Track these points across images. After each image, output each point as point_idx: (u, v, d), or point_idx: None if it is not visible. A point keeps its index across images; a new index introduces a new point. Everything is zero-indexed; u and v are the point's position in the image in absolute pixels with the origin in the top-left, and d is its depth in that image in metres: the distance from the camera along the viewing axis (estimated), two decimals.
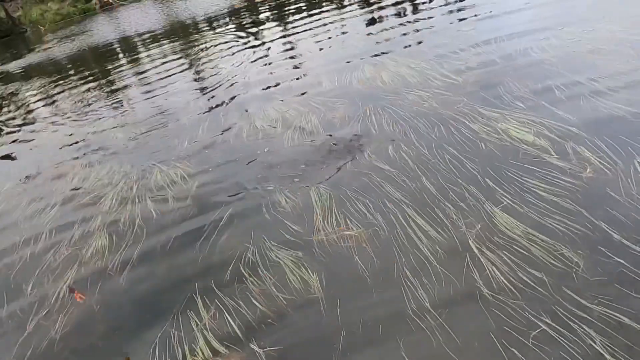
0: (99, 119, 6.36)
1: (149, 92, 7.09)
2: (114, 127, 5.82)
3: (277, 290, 2.54)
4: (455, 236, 2.58)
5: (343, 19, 8.76)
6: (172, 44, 10.70)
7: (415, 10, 8.06)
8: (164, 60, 9.10)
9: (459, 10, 7.24)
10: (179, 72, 7.80)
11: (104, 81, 8.69)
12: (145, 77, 8.18)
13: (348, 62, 5.87)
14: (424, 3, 8.34)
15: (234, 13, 13.78)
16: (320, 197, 3.22)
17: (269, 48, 7.93)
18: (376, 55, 5.87)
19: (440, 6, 7.80)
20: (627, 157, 2.84)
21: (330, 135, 4.01)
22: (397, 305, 2.26)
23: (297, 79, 5.83)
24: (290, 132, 4.28)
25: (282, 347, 2.21)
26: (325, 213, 3.05)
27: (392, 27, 7.17)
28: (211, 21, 13.31)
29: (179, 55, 9.21)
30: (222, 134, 4.72)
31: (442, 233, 2.63)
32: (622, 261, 2.16)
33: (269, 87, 5.80)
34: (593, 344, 1.84)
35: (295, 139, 4.15)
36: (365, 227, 2.84)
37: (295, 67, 6.38)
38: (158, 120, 5.66)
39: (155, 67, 8.69)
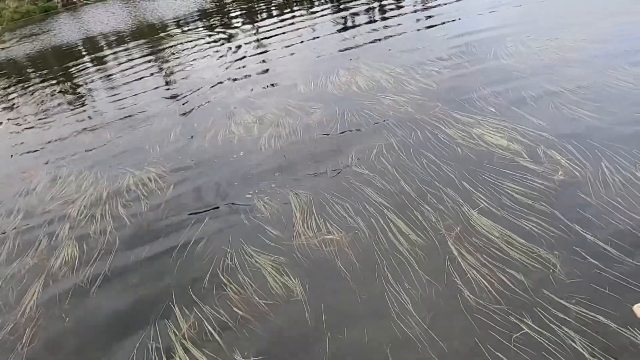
0: (64, 122, 6.12)
1: (115, 94, 6.87)
2: (80, 131, 5.61)
3: (258, 296, 2.49)
4: (435, 239, 2.61)
5: (314, 22, 8.78)
6: (139, 45, 10.44)
7: (385, 14, 8.16)
8: (131, 61, 8.85)
9: (427, 16, 7.36)
10: (147, 74, 7.61)
11: (68, 83, 8.37)
12: (112, 78, 7.94)
13: (322, 65, 5.88)
14: (392, 4, 8.48)
15: (204, 15, 13.59)
16: (300, 201, 3.19)
17: (241, 51, 7.84)
18: (350, 59, 5.90)
19: (410, 7, 7.93)
20: (594, 160, 2.95)
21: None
22: (381, 309, 2.26)
23: (272, 82, 5.79)
24: (266, 136, 4.23)
25: (266, 356, 2.16)
26: (305, 217, 3.03)
27: (363, 32, 7.22)
28: (180, 22, 13.07)
29: (147, 57, 8.98)
30: (196, 137, 4.62)
31: (422, 236, 2.65)
32: (596, 262, 2.23)
33: (243, 90, 5.73)
34: (573, 344, 1.89)
35: (272, 143, 4.11)
36: (346, 230, 2.83)
37: (269, 70, 6.33)
38: (127, 123, 5.49)
39: (122, 68, 8.45)
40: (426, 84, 4.55)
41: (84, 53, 11.46)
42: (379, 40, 6.55)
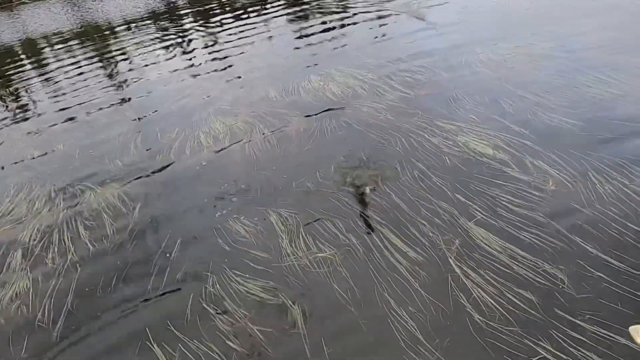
0: (6, 132, 5.52)
1: (64, 101, 6.28)
2: (27, 142, 5.07)
3: (253, 324, 2.26)
4: (435, 256, 2.49)
5: (271, 25, 8.43)
6: (86, 49, 9.73)
7: (345, 19, 8.01)
8: (80, 67, 8.17)
9: (389, 22, 7.31)
10: (97, 80, 6.99)
11: (8, 89, 7.63)
12: (58, 85, 7.26)
13: (291, 71, 5.67)
14: (349, 10, 8.40)
15: (156, 17, 12.97)
16: (283, 219, 2.97)
17: (199, 55, 7.44)
18: (318, 65, 5.71)
19: (370, 15, 7.87)
20: (581, 169, 2.95)
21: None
22: (388, 338, 2.10)
23: (240, 88, 5.49)
24: (239, 147, 3.97)
25: None
26: (292, 236, 2.82)
27: (328, 37, 7.03)
28: (131, 25, 12.39)
29: (95, 62, 8.34)
30: (160, 149, 4.27)
31: (421, 252, 2.52)
32: (603, 275, 2.19)
33: (208, 96, 5.40)
34: None
35: (246, 154, 3.86)
36: (337, 248, 2.66)
37: (234, 75, 6.01)
38: (81, 133, 5.02)
39: (69, 75, 7.75)
40: (402, 91, 4.47)
41: (24, 57, 10.57)
42: (346, 45, 6.41)
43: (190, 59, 7.30)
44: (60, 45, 10.82)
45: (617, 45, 4.65)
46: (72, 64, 8.52)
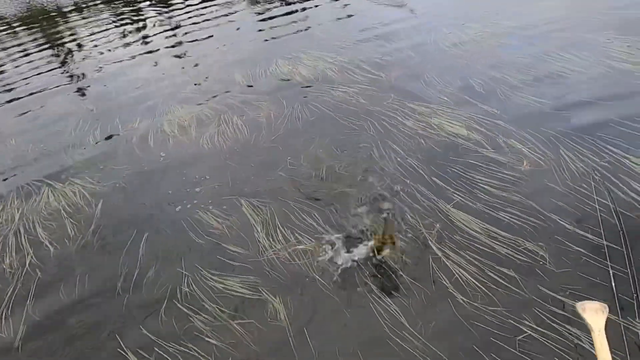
0: None
1: (13, 92, 5.82)
2: None
3: (233, 321, 2.17)
4: (416, 240, 2.46)
5: (232, 8, 8.11)
6: (34, 34, 9.07)
7: (308, 2, 7.75)
8: (27, 54, 7.57)
9: (356, 2, 7.16)
10: (47, 68, 6.44)
11: None
12: (6, 74, 6.73)
13: (257, 54, 5.46)
14: None
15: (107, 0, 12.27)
16: (258, 211, 2.87)
17: (158, 40, 7.00)
18: (285, 47, 5.53)
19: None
20: (553, 147, 2.98)
21: None
22: (373, 326, 2.06)
23: (204, 73, 5.25)
24: (207, 136, 3.80)
25: None
26: (268, 229, 2.72)
27: (294, 19, 6.81)
28: (81, 7, 11.65)
29: (45, 48, 7.74)
30: (121, 140, 4.04)
31: (402, 237, 2.48)
32: (581, 249, 2.22)
33: (170, 83, 5.14)
34: (580, 343, 1.83)
35: (215, 144, 3.70)
36: (317, 239, 2.58)
37: (198, 60, 5.73)
38: (33, 126, 4.68)
39: (17, 62, 7.18)
40: (374, 73, 4.39)
41: None
42: (312, 27, 6.24)
43: (150, 43, 6.93)
44: (3, 32, 10.05)
45: (580, 24, 4.73)
46: (19, 48, 7.92)
